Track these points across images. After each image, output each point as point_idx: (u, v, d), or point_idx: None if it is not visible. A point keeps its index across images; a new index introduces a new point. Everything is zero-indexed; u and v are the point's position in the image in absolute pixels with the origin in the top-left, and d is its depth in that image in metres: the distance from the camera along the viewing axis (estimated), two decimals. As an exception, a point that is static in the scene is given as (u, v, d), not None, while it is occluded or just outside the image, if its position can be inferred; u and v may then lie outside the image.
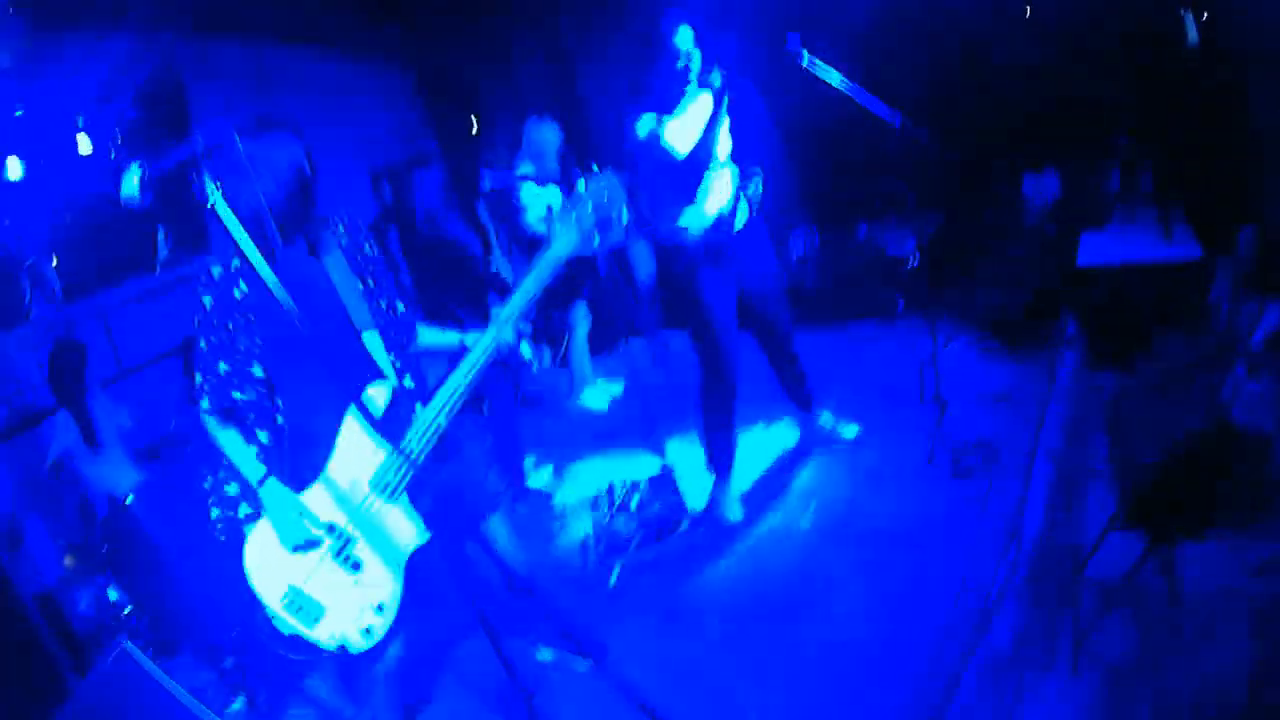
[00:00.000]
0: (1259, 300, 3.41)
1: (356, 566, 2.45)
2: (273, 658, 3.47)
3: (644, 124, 3.57)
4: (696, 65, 3.50)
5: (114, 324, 5.30)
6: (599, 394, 5.84)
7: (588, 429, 5.39)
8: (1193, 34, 4.65)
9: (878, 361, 5.16)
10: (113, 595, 4.05)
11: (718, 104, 3.45)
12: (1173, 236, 4.36)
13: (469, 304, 4.49)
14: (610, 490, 4.19)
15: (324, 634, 2.43)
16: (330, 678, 3.47)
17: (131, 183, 2.02)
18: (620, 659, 3.08)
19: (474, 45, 7.65)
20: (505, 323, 2.41)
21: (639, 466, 4.53)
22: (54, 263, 5.20)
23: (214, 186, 1.87)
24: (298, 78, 6.36)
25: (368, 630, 2.43)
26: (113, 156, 5.27)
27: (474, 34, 7.59)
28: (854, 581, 3.31)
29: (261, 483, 2.41)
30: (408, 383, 2.51)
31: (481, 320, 2.52)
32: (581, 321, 5.81)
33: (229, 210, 1.89)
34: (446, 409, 2.36)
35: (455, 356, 2.46)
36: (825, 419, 4.29)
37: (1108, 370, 4.05)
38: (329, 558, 2.45)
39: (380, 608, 2.45)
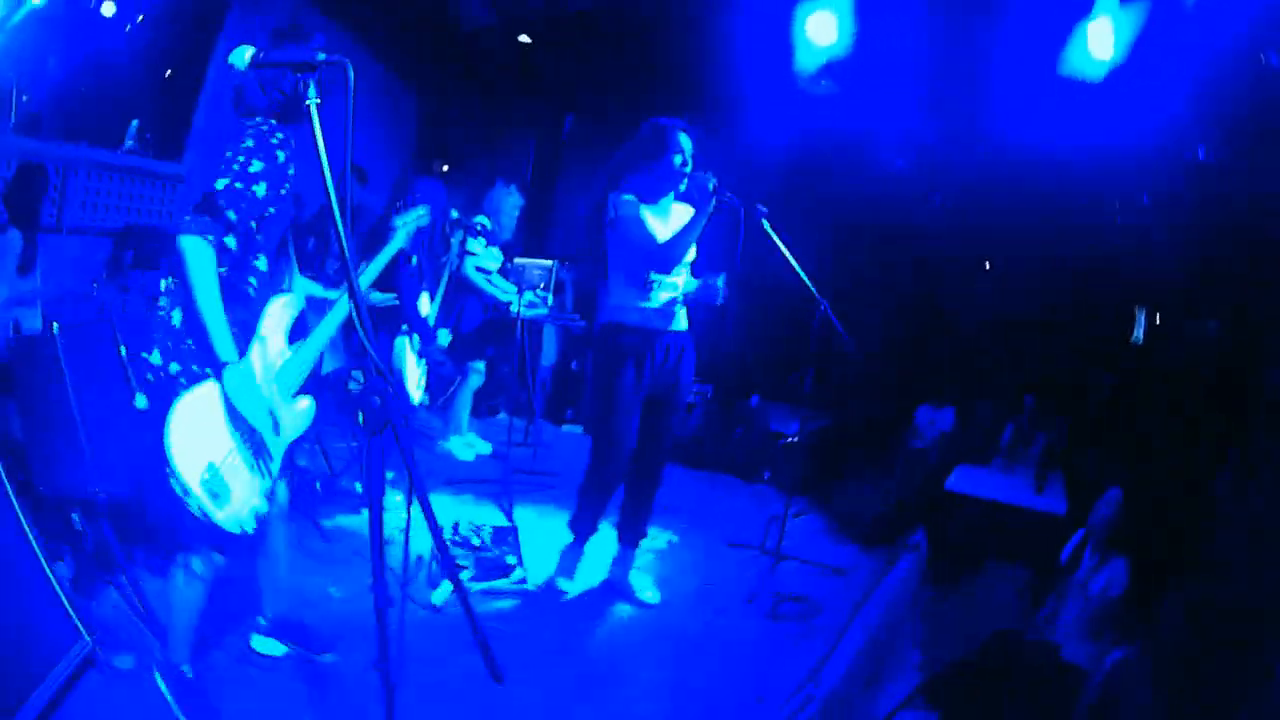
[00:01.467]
0: (1104, 554, 3.73)
1: (259, 453, 2.58)
2: (140, 529, 3.57)
3: (627, 204, 3.73)
4: (689, 169, 3.69)
5: (68, 181, 5.26)
6: (466, 446, 5.89)
7: (446, 470, 5.43)
8: (1139, 332, 5.16)
9: (731, 511, 5.39)
10: None
11: (700, 212, 3.62)
12: (1043, 491, 4.78)
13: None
14: (456, 525, 4.18)
15: (227, 515, 2.45)
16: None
17: (243, 55, 2.03)
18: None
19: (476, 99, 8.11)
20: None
21: (485, 516, 4.59)
22: (25, 97, 5.10)
23: (314, 93, 1.95)
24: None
25: (255, 514, 2.54)
26: (127, 29, 5.36)
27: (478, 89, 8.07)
28: (654, 672, 3.35)
29: (228, 362, 2.46)
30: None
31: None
32: (475, 375, 5.93)
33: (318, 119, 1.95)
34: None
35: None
36: (635, 578, 4.12)
37: (941, 580, 4.30)
38: (245, 444, 2.53)
39: (269, 496, 2.62)
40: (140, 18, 5.50)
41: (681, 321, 3.88)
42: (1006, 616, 3.63)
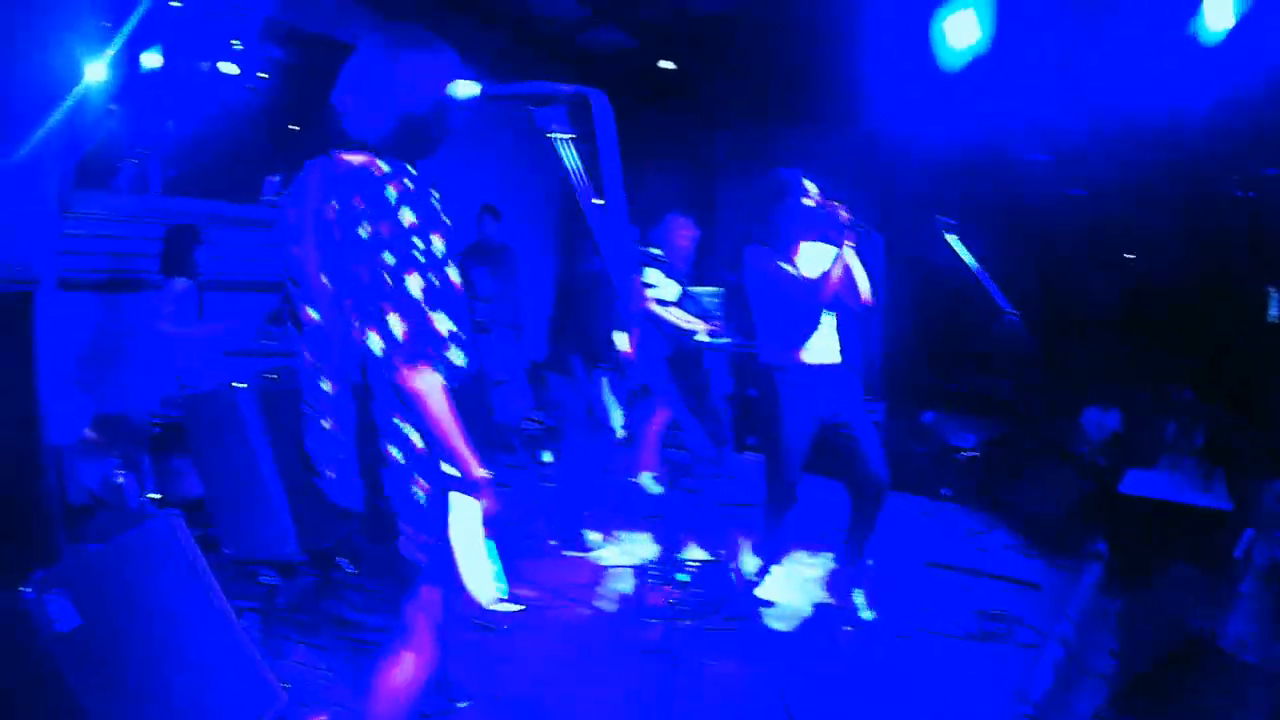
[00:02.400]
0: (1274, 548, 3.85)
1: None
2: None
3: (761, 254, 4.00)
4: (816, 209, 3.86)
5: (215, 236, 5.37)
6: (655, 480, 5.89)
7: (641, 504, 5.62)
8: (1275, 310, 5.17)
9: (920, 530, 5.62)
10: (120, 479, 4.24)
11: (840, 249, 3.82)
12: (1211, 490, 4.84)
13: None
14: (661, 560, 4.43)
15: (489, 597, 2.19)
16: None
17: (470, 89, 2.11)
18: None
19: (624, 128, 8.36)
20: None
21: (689, 550, 4.76)
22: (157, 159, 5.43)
23: (563, 128, 1.97)
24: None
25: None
26: (250, 89, 5.57)
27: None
28: (864, 700, 3.54)
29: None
30: None
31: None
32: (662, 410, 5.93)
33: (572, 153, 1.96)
34: None
35: None
36: (858, 596, 4.31)
37: (1123, 585, 4.43)
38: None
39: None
40: (263, 74, 5.69)
41: (833, 356, 4.09)
42: (1190, 620, 3.60)
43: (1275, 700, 3.08)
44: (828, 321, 4.06)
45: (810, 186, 3.96)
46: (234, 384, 3.58)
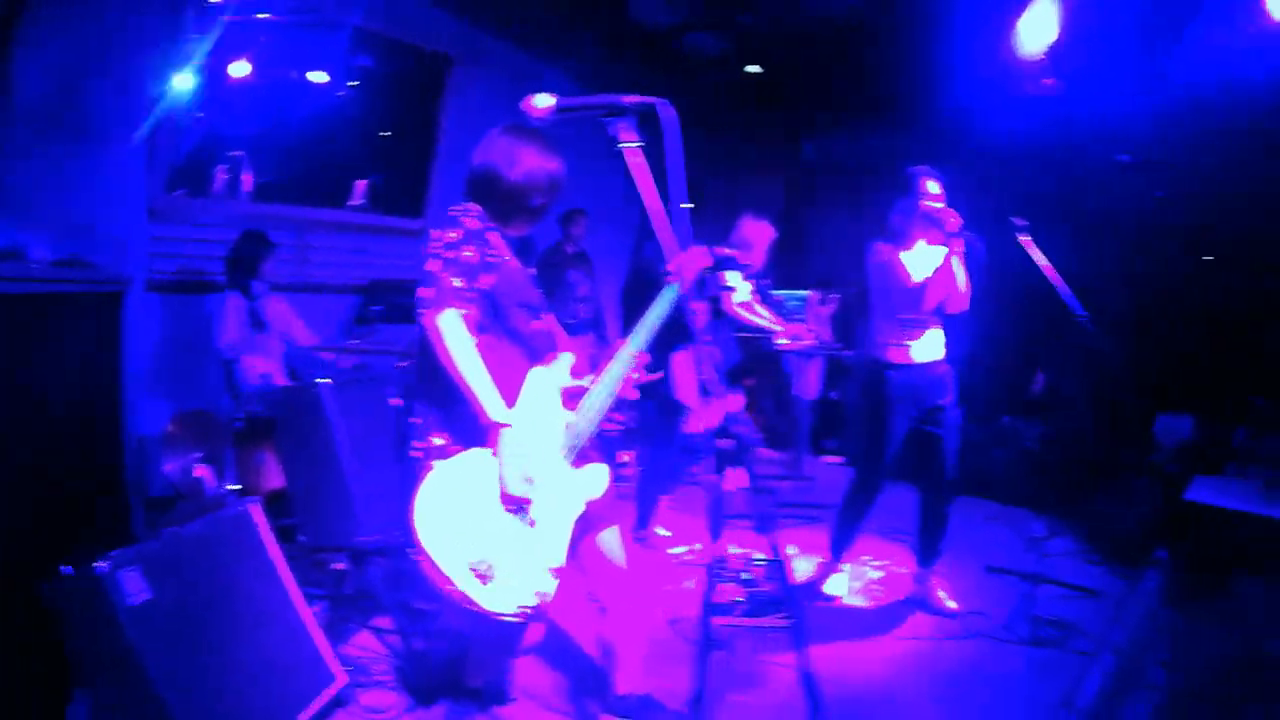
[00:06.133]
0: None
1: (535, 527, 2.40)
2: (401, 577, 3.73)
3: (883, 250, 4.09)
4: (937, 211, 3.89)
5: (309, 238, 5.69)
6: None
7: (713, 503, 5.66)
8: None
9: (989, 535, 5.58)
10: (199, 472, 4.40)
11: (951, 252, 3.87)
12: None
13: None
14: (725, 559, 4.42)
15: (499, 601, 2.25)
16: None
17: (544, 100, 2.26)
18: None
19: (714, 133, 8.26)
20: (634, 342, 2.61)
21: (755, 547, 4.69)
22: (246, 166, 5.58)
23: (631, 139, 2.13)
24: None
25: (541, 595, 2.34)
26: (339, 94, 5.77)
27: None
28: (919, 703, 3.55)
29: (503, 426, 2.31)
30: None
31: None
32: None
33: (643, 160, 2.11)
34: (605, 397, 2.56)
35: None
36: (942, 594, 4.43)
37: (1185, 598, 4.32)
38: (518, 516, 2.36)
39: (555, 571, 2.40)
40: (354, 82, 5.85)
41: (938, 354, 4.17)
42: (1257, 632, 3.63)
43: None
44: (934, 321, 4.14)
45: (933, 186, 4.01)
46: (318, 380, 3.78)
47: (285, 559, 3.02)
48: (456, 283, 2.33)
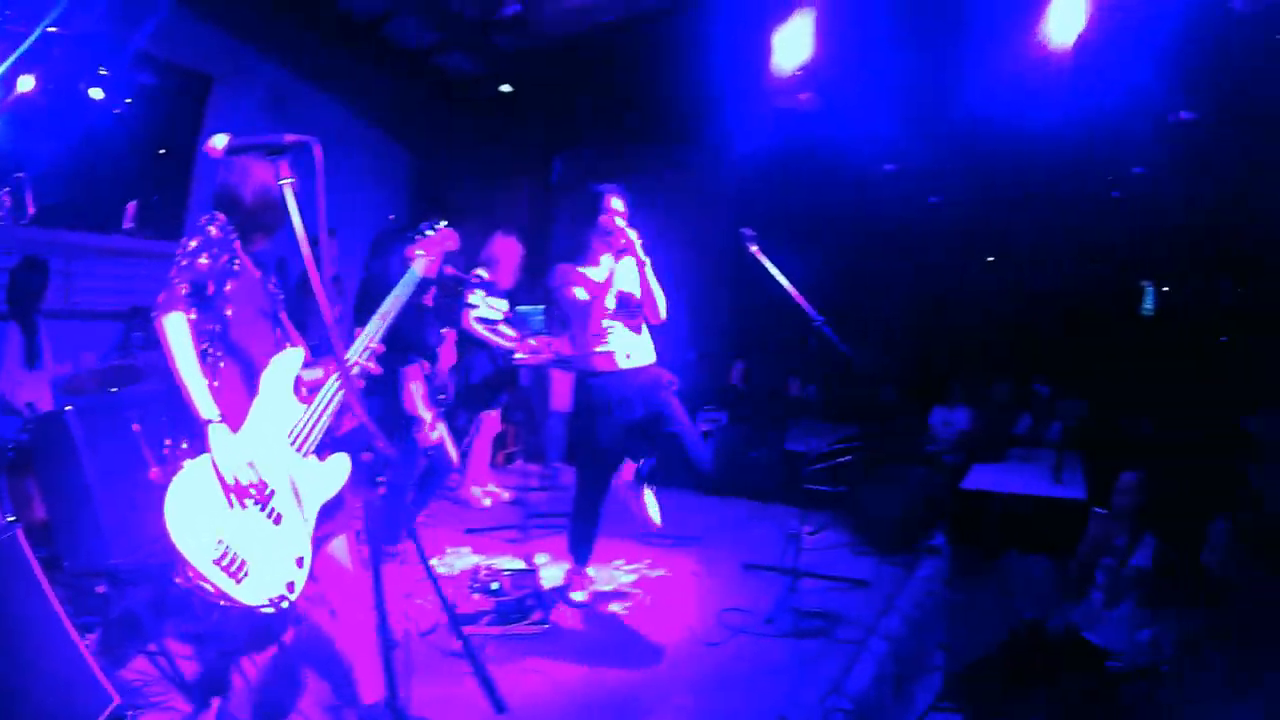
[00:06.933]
0: (1134, 534, 3.74)
1: (279, 520, 2.49)
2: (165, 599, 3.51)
3: (567, 270, 3.96)
4: (623, 226, 3.87)
5: (73, 266, 5.50)
6: (484, 494, 5.88)
7: (466, 518, 5.47)
8: (1149, 304, 5.11)
9: (751, 534, 5.22)
10: None
11: (639, 264, 3.87)
12: (1061, 480, 4.67)
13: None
14: (476, 571, 4.21)
15: (247, 591, 2.36)
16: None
17: (220, 140, 2.34)
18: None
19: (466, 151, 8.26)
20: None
21: (505, 560, 4.61)
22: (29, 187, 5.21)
23: (286, 173, 2.26)
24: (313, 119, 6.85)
25: (291, 586, 2.44)
26: (116, 112, 5.51)
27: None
28: (674, 700, 3.29)
29: (210, 422, 2.38)
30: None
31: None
32: (488, 426, 5.94)
33: (293, 196, 2.25)
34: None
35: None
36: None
37: (964, 580, 4.21)
38: (258, 509, 2.46)
39: (300, 561, 2.49)
40: (128, 100, 5.65)
41: (646, 358, 4.04)
42: (1031, 609, 3.50)
43: (1112, 681, 3.01)
44: (630, 328, 4.04)
45: (617, 203, 3.97)
46: (65, 408, 3.77)
47: (51, 586, 2.89)
48: (183, 289, 2.46)
